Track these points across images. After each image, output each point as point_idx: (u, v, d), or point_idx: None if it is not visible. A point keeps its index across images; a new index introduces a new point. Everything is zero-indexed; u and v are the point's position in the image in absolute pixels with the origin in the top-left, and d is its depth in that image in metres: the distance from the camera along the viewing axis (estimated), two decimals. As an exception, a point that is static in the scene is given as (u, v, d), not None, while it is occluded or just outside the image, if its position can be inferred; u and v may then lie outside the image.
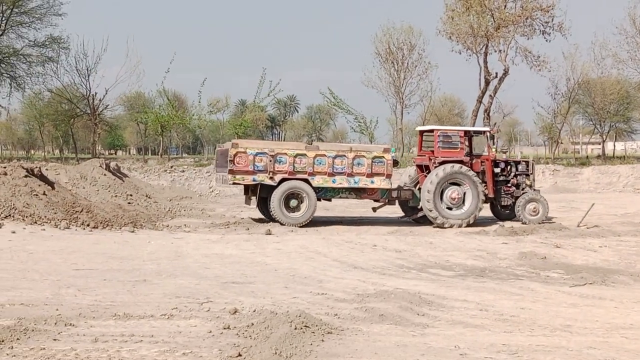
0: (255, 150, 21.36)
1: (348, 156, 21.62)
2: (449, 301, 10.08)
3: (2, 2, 50.55)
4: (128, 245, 15.71)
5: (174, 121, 52.08)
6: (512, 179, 22.99)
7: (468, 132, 23.19)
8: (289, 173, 21.40)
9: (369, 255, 15.22)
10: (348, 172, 21.59)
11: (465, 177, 21.67)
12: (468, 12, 49.01)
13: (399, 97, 56.67)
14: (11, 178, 19.68)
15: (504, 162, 23.18)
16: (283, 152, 21.46)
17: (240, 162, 21.17)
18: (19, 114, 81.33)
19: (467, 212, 21.65)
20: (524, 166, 23.31)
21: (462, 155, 22.16)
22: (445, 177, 21.57)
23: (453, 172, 21.64)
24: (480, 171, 22.34)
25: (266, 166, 21.26)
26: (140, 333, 7.79)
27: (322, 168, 21.53)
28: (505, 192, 22.89)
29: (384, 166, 21.81)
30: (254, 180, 21.42)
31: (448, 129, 23.51)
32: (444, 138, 22.32)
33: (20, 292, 9.88)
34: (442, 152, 22.13)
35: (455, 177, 21.70)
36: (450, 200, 21.62)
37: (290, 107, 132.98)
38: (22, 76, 54.29)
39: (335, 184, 21.69)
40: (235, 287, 10.94)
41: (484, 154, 22.95)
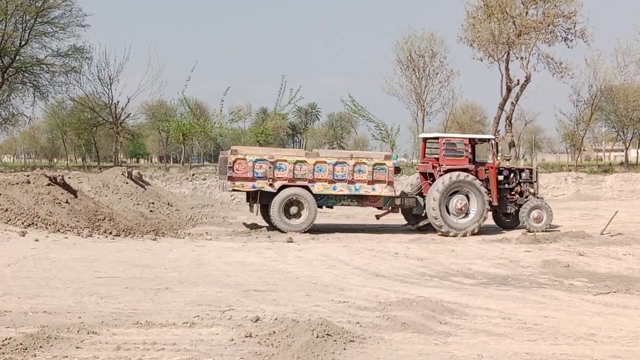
0: (255, 156, 21.34)
1: (349, 163, 21.54)
2: (471, 309, 10.02)
3: (25, 12, 50.94)
4: (150, 253, 15.76)
5: (196, 129, 52.16)
6: (516, 186, 22.86)
7: (472, 140, 23.07)
8: (289, 180, 21.35)
9: (390, 263, 15.17)
10: (349, 179, 21.53)
11: (471, 185, 21.55)
12: (489, 19, 48.87)
13: (420, 104, 56.46)
14: (34, 186, 19.81)
15: (507, 169, 23.04)
16: (283, 158, 21.42)
17: (239, 169, 21.14)
18: (42, 123, 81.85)
19: (472, 221, 21.52)
20: (527, 174, 23.19)
21: (466, 163, 22.05)
22: (451, 185, 21.48)
23: (458, 181, 21.53)
24: (485, 179, 22.22)
25: (266, 173, 21.23)
26: (162, 341, 7.80)
27: (322, 175, 21.48)
28: (509, 200, 22.77)
29: (386, 173, 21.72)
30: (253, 187, 21.39)
31: (452, 137, 23.41)
32: (448, 146, 22.21)
33: (43, 300, 9.92)
34: (447, 159, 22.04)
35: (461, 186, 21.59)
36: (456, 208, 21.50)
37: (311, 114, 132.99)
38: (45, 85, 54.66)
39: (336, 191, 21.62)
40: (257, 295, 10.93)
41: (489, 162, 22.81)
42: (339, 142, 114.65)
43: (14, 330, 8.05)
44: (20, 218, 17.87)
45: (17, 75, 54.09)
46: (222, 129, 52.91)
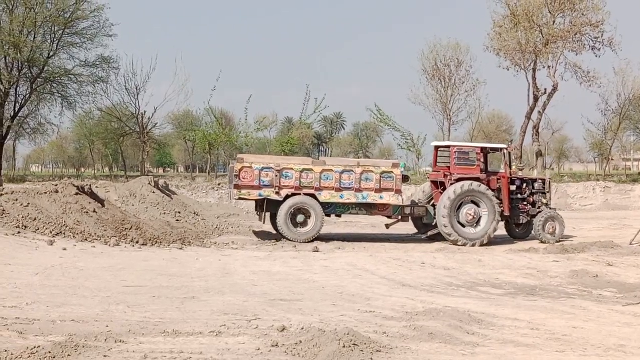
0: (261, 165, 21.34)
1: (356, 171, 21.49)
2: (499, 320, 9.94)
3: (54, 23, 51.46)
4: (177, 263, 15.81)
5: (222, 139, 52.39)
6: (528, 197, 22.64)
7: (485, 149, 22.93)
8: (296, 188, 21.35)
9: (417, 273, 15.11)
10: (356, 187, 21.48)
11: (482, 194, 21.40)
12: (516, 28, 48.72)
13: (446, 113, 56.31)
14: (62, 196, 19.97)
15: (520, 179, 22.84)
16: (289, 167, 21.40)
17: (246, 177, 21.17)
18: (70, 133, 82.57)
19: (483, 231, 21.39)
20: (540, 184, 22.97)
21: (478, 172, 21.90)
22: (462, 195, 21.35)
23: (470, 190, 21.39)
24: (497, 189, 22.04)
25: (272, 181, 21.24)
26: (189, 350, 7.80)
27: (329, 183, 21.44)
28: (522, 210, 22.55)
29: (393, 181, 21.64)
30: (260, 196, 21.41)
31: (465, 146, 23.29)
32: (460, 155, 22.09)
33: (71, 309, 9.97)
34: (459, 168, 21.91)
35: (472, 195, 21.44)
36: (467, 218, 21.36)
37: (336, 124, 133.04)
38: (73, 95, 55.11)
39: (343, 199, 21.56)
40: (283, 305, 10.92)
41: (501, 172, 22.63)
42: (365, 151, 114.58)
43: (42, 338, 8.10)
44: (49, 227, 18.01)
45: (46, 86, 54.60)
46: (247, 138, 53.07)
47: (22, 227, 17.75)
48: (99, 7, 52.71)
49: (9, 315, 9.26)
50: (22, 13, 50.41)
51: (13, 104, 54.04)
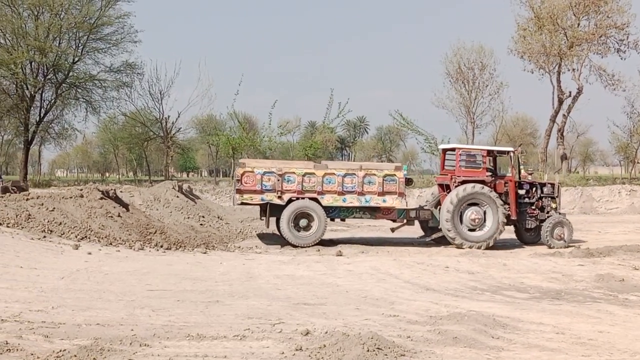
0: (263, 169, 21.29)
1: (358, 175, 21.39)
2: (524, 324, 9.88)
3: (79, 29, 51.91)
4: (200, 267, 15.86)
5: (245, 143, 52.48)
6: (537, 201, 22.42)
7: (492, 152, 22.78)
8: (298, 192, 21.28)
9: (441, 276, 15.05)
10: (358, 190, 21.37)
11: (486, 197, 21.25)
12: (540, 31, 48.57)
13: (470, 117, 56.15)
14: (87, 200, 20.12)
15: (529, 183, 22.61)
16: (291, 171, 21.35)
17: (247, 182, 21.12)
18: (94, 138, 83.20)
19: (487, 234, 21.25)
20: (549, 188, 22.67)
21: (483, 175, 21.74)
22: (465, 197, 21.23)
23: (473, 193, 21.25)
24: (504, 192, 21.88)
25: (274, 185, 21.18)
26: (213, 354, 7.82)
27: (331, 187, 21.36)
28: (530, 214, 22.31)
29: (396, 184, 21.53)
30: (262, 200, 21.36)
31: (471, 148, 23.10)
32: (466, 157, 21.95)
33: (96, 312, 10.02)
34: (464, 171, 21.79)
35: (476, 198, 21.30)
36: (470, 221, 21.23)
37: (360, 128, 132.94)
38: (98, 101, 55.62)
39: (346, 203, 21.48)
40: (306, 309, 10.91)
41: (508, 175, 22.46)
42: (388, 155, 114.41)
43: (68, 342, 8.14)
44: (74, 231, 18.14)
45: (70, 91, 55.11)
46: (271, 142, 53.14)
47: (47, 231, 17.89)
48: (123, 14, 53.17)
49: (35, 319, 9.32)
50: (48, 19, 50.92)
51: (38, 109, 54.58)
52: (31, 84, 51.74)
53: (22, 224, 17.96)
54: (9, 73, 50.36)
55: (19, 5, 50.85)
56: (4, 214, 18.26)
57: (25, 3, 50.47)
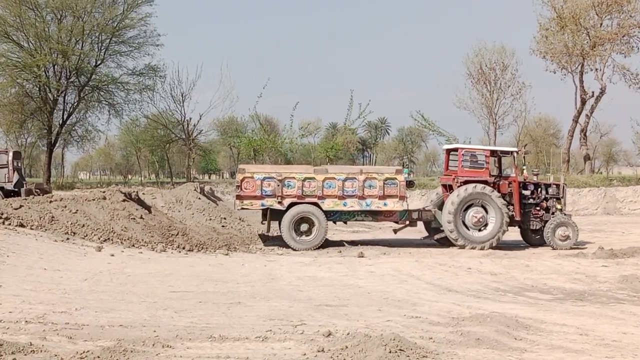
0: (263, 175, 21.29)
1: (358, 178, 21.36)
2: (547, 325, 9.82)
3: (102, 32, 52.22)
4: (222, 268, 15.90)
5: (266, 145, 52.55)
6: (541, 202, 22.19)
7: (495, 152, 22.63)
8: (298, 197, 21.27)
9: (463, 278, 15.00)
10: (359, 194, 21.35)
11: (488, 198, 21.12)
12: (562, 31, 48.27)
13: (492, 118, 55.85)
14: (110, 202, 20.23)
15: (533, 184, 22.39)
16: (291, 176, 21.32)
17: (247, 188, 21.15)
18: (117, 140, 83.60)
19: (489, 234, 21.17)
20: (554, 189, 22.41)
21: (486, 175, 21.60)
22: (467, 198, 21.14)
23: (475, 193, 21.15)
24: (508, 193, 21.72)
25: (274, 191, 21.17)
26: (235, 355, 7.83)
27: (332, 191, 21.33)
28: (534, 215, 22.08)
29: (397, 188, 21.48)
30: (262, 205, 21.40)
31: (472, 148, 22.96)
32: (469, 157, 21.82)
33: (119, 314, 10.07)
34: (466, 171, 21.68)
35: (478, 198, 21.17)
36: (473, 221, 21.11)
37: (381, 129, 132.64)
38: (120, 103, 55.87)
39: (347, 207, 21.45)
40: (328, 310, 10.91)
41: (512, 176, 22.29)
42: (410, 156, 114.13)
43: (91, 343, 8.19)
44: (97, 233, 18.26)
45: (93, 94, 55.42)
46: (292, 144, 53.19)
47: (70, 233, 18.02)
48: (145, 16, 53.39)
49: (59, 320, 9.39)
50: (70, 22, 51.25)
51: (61, 112, 54.95)
52: (54, 87, 52.08)
53: (46, 226, 18.11)
54: (32, 76, 50.74)
55: (42, 9, 51.22)
56: (28, 216, 18.41)
57: (48, 6, 50.83)
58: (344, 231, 25.61)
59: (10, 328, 8.80)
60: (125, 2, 53.11)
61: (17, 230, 17.45)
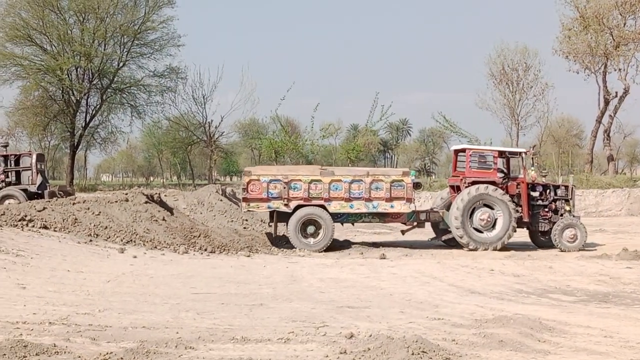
0: (269, 177, 21.22)
1: (365, 181, 21.25)
2: (571, 327, 9.75)
3: (123, 35, 52.56)
4: (244, 270, 15.93)
5: (288, 147, 52.64)
6: (550, 203, 21.97)
7: (503, 153, 22.47)
8: (304, 199, 21.19)
9: (485, 279, 14.93)
10: (366, 196, 21.23)
11: (496, 199, 20.96)
12: (585, 31, 47.97)
13: (514, 118, 55.59)
14: (132, 204, 20.33)
15: (542, 185, 22.18)
16: (297, 178, 21.26)
17: (254, 190, 21.09)
18: (139, 142, 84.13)
19: (497, 236, 20.98)
20: (563, 190, 22.14)
21: (494, 176, 21.43)
22: (475, 199, 20.97)
23: (483, 194, 20.99)
24: (516, 194, 21.58)
25: (280, 193, 21.10)
26: (258, 357, 7.83)
27: (338, 193, 21.23)
28: (543, 217, 21.82)
29: (404, 190, 21.36)
30: (268, 208, 21.34)
31: (481, 149, 22.77)
32: (477, 158, 21.67)
33: (142, 315, 10.11)
34: (474, 172, 21.52)
35: (486, 199, 21.02)
36: (480, 222, 20.97)
37: (402, 130, 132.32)
38: (142, 105, 56.30)
39: (353, 209, 21.36)
40: (350, 312, 10.89)
41: (520, 177, 22.12)
42: (431, 157, 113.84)
43: (114, 345, 8.22)
44: (119, 235, 18.36)
45: (115, 96, 55.81)
46: (313, 145, 53.24)
47: (93, 235, 18.13)
48: (167, 19, 53.70)
49: (83, 321, 9.43)
50: (93, 24, 51.61)
51: (84, 114, 55.36)
52: (77, 90, 52.50)
53: (69, 228, 18.23)
54: (56, 79, 51.14)
55: (65, 11, 51.62)
56: (52, 219, 18.54)
57: (70, 9, 51.22)
58: (365, 233, 25.59)
59: (34, 329, 8.86)
60: (147, 5, 53.50)
61: (40, 232, 17.58)
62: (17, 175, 28.93)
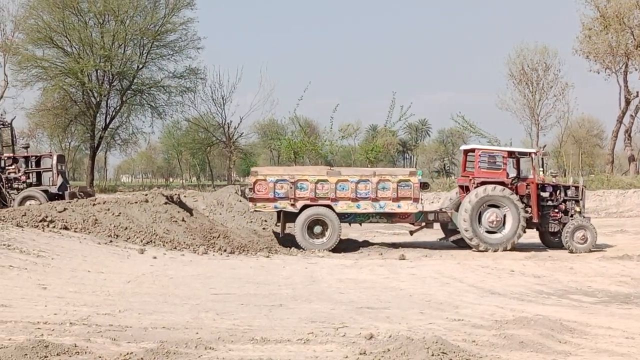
0: (276, 177, 21.22)
1: (372, 181, 21.18)
2: (592, 328, 9.68)
3: (143, 36, 52.78)
4: (264, 270, 15.95)
5: (307, 147, 52.65)
6: (560, 204, 21.77)
7: (513, 153, 22.32)
8: (311, 199, 21.17)
9: (506, 280, 14.87)
10: (372, 196, 21.16)
11: (505, 199, 20.82)
12: (606, 31, 47.70)
13: (534, 118, 55.38)
14: (152, 205, 20.39)
15: (552, 186, 21.99)
16: (304, 178, 21.24)
17: (260, 190, 21.09)
18: (158, 144, 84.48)
19: (506, 236, 20.83)
20: (573, 191, 21.90)
21: (503, 176, 21.30)
22: (484, 199, 20.85)
23: (491, 194, 20.86)
24: (526, 195, 21.43)
25: (287, 193, 21.09)
26: (277, 357, 7.83)
27: (345, 194, 21.18)
28: (553, 218, 21.62)
29: (411, 190, 21.26)
30: (275, 208, 21.34)
31: (491, 149, 22.59)
32: (486, 158, 21.54)
33: (162, 316, 10.14)
34: (483, 172, 21.40)
35: (495, 199, 20.90)
36: (489, 222, 20.85)
37: (421, 131, 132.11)
38: (162, 106, 56.52)
39: (360, 209, 21.30)
40: (370, 312, 10.87)
41: (530, 177, 21.93)
42: (451, 157, 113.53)
43: (134, 345, 8.25)
44: (139, 236, 18.43)
45: (135, 97, 56.05)
46: (332, 146, 53.23)
47: (114, 236, 18.22)
48: (187, 20, 53.90)
49: (103, 322, 9.47)
50: (113, 27, 51.87)
51: (104, 116, 55.65)
52: (97, 91, 52.77)
53: (90, 229, 18.33)
54: (77, 81, 51.43)
55: (85, 14, 51.91)
56: (72, 219, 18.65)
57: (91, 11, 51.49)
58: (384, 233, 25.53)
59: (55, 330, 8.90)
60: (167, 6, 53.69)
61: (61, 233, 17.68)
62: (37, 176, 29.11)
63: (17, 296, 11.17)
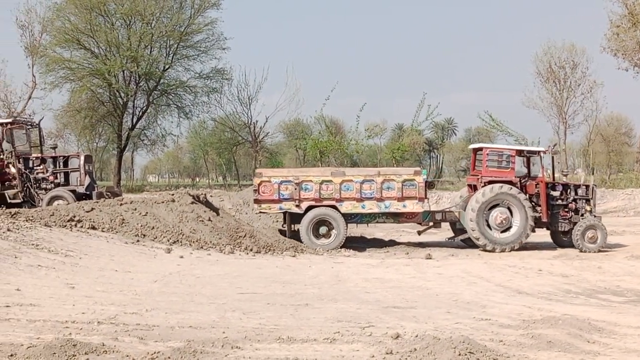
0: (280, 178, 21.26)
1: (376, 180, 21.15)
2: (621, 328, 9.60)
3: (169, 37, 53.00)
4: (290, 270, 15.96)
5: (332, 147, 52.60)
6: (570, 203, 21.55)
7: (522, 152, 22.10)
8: (316, 200, 21.17)
9: (534, 280, 14.78)
10: (377, 196, 21.15)
11: (513, 198, 20.65)
12: (634, 28, 47.21)
13: (562, 117, 54.96)
14: (179, 205, 20.48)
15: (562, 185, 21.79)
16: (308, 179, 21.22)
17: (265, 191, 21.13)
18: (185, 143, 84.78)
19: (513, 236, 20.70)
20: (584, 190, 21.70)
21: (512, 175, 21.13)
22: (492, 198, 20.70)
23: (500, 193, 20.70)
24: (535, 194, 21.21)
25: (292, 194, 21.11)
26: (304, 357, 7.83)
27: (350, 194, 21.17)
28: (563, 217, 21.44)
29: (416, 189, 21.21)
30: (280, 209, 21.40)
31: (499, 148, 22.44)
32: (495, 157, 21.39)
33: (188, 315, 10.17)
34: (491, 171, 21.26)
35: (502, 198, 20.73)
36: (496, 222, 20.68)
37: (448, 130, 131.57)
38: (189, 106, 56.68)
39: (365, 209, 21.29)
40: (396, 312, 10.85)
41: (539, 176, 21.71)
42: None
43: (162, 344, 8.28)
44: (166, 235, 18.51)
45: (162, 98, 56.29)
46: (358, 145, 53.14)
47: (141, 235, 18.31)
48: (212, 21, 54.04)
49: (130, 321, 9.52)
50: (139, 28, 52.12)
51: (131, 116, 55.95)
52: (124, 92, 53.07)
53: (117, 229, 18.43)
54: (104, 82, 51.76)
55: (112, 15, 52.22)
56: (99, 219, 18.77)
57: (117, 12, 51.79)
58: (410, 232, 25.45)
59: (83, 329, 8.96)
60: (192, 7, 53.86)
61: (89, 232, 17.80)
62: (65, 176, 29.24)
63: (45, 295, 11.25)
